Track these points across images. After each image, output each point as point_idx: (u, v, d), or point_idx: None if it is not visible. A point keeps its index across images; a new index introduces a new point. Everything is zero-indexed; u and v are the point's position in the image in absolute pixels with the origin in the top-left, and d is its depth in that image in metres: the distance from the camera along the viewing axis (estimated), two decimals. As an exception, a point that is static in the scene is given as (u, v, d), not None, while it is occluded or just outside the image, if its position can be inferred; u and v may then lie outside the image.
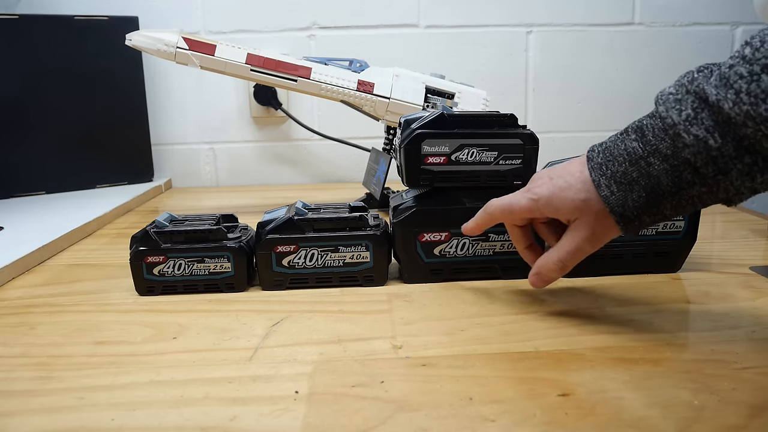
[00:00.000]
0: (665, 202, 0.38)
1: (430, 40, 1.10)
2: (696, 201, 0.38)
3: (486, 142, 0.52)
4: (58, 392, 0.37)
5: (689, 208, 0.39)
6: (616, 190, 0.39)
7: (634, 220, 0.40)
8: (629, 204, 0.39)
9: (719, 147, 0.35)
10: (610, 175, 0.39)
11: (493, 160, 0.53)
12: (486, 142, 0.52)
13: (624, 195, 0.39)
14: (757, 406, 0.33)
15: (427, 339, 0.43)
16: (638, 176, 0.38)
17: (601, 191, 0.40)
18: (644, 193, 0.38)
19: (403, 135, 0.53)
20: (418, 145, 0.52)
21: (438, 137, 0.52)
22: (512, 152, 0.53)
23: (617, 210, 0.40)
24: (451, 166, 0.53)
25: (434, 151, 0.52)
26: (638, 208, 0.39)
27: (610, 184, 0.39)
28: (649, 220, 0.40)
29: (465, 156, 0.52)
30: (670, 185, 0.37)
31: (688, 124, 0.35)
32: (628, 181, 0.39)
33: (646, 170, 0.38)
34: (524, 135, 0.53)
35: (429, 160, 0.52)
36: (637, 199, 0.39)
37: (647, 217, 0.40)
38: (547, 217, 0.45)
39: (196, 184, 1.15)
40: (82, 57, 0.96)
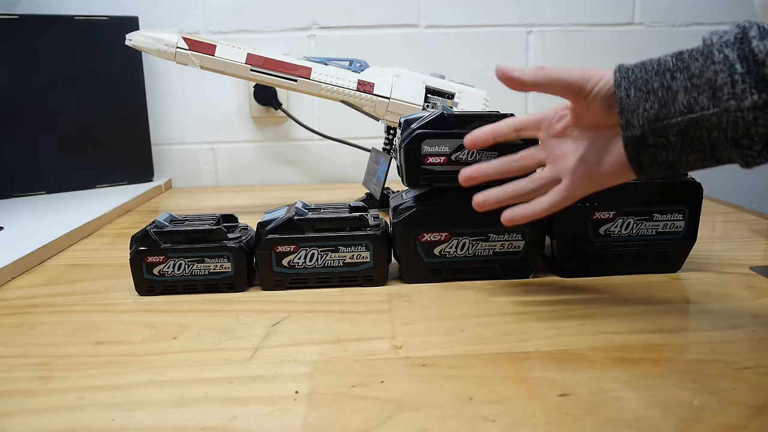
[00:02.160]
0: (673, 120, 0.37)
1: (430, 40, 1.10)
2: (704, 135, 0.36)
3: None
4: (58, 392, 0.37)
5: (697, 144, 0.37)
6: (633, 94, 0.38)
7: (638, 130, 0.38)
8: (640, 112, 0.38)
9: (743, 73, 0.34)
10: (633, 79, 0.39)
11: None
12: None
13: (638, 101, 0.38)
14: (757, 406, 0.33)
15: (427, 339, 0.43)
16: (658, 87, 0.37)
17: (619, 92, 0.39)
18: (657, 105, 0.37)
19: (403, 135, 0.53)
20: (418, 145, 0.52)
21: (438, 137, 0.52)
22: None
23: (627, 114, 0.39)
24: (451, 166, 0.52)
25: (434, 151, 0.52)
26: (647, 118, 0.38)
27: (629, 87, 0.39)
28: (652, 140, 0.38)
29: (465, 156, 0.52)
30: (683, 103, 0.36)
31: (723, 45, 0.35)
32: (648, 89, 0.38)
33: (668, 83, 0.37)
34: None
35: (429, 160, 0.52)
36: (649, 109, 0.38)
37: (651, 134, 0.38)
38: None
39: (196, 184, 1.15)
40: (82, 57, 0.96)
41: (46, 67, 0.94)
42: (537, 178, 0.46)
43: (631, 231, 0.54)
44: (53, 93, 0.95)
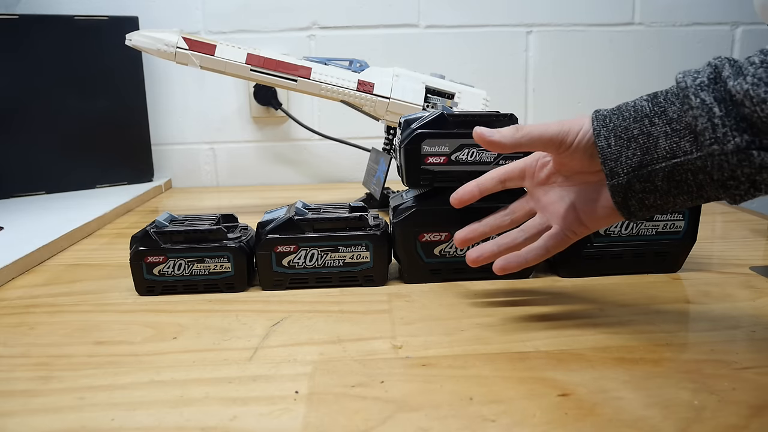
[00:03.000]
0: (658, 166, 0.37)
1: (430, 40, 1.10)
2: (690, 178, 0.36)
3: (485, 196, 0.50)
4: (58, 392, 0.37)
5: (683, 188, 0.37)
6: (613, 143, 0.39)
7: (623, 178, 0.38)
8: (623, 160, 0.38)
9: (722, 116, 0.34)
10: (612, 127, 0.39)
11: (493, 160, 0.53)
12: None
13: (619, 150, 0.38)
14: (757, 406, 0.33)
15: (427, 339, 0.43)
16: (638, 134, 0.38)
17: (599, 141, 0.39)
18: (639, 153, 0.38)
19: (403, 135, 0.53)
20: (418, 145, 0.52)
21: (438, 137, 0.52)
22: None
23: (609, 163, 0.39)
24: (451, 166, 0.53)
25: (434, 151, 0.52)
26: (630, 166, 0.38)
27: (609, 136, 0.39)
28: (638, 186, 0.38)
29: (465, 156, 0.52)
30: (666, 149, 0.37)
31: (698, 89, 0.35)
32: (628, 137, 0.38)
33: (648, 129, 0.37)
34: None
35: (429, 160, 0.52)
36: (632, 157, 0.38)
37: (637, 181, 0.38)
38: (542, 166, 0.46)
39: (196, 184, 1.15)
40: (82, 57, 0.96)
41: (46, 67, 0.94)
42: (528, 227, 0.47)
43: (631, 231, 0.54)
44: (53, 93, 0.95)
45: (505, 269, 0.46)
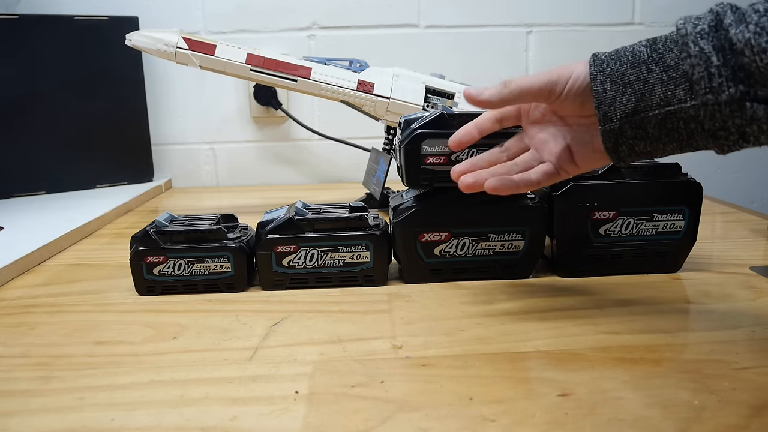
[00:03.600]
0: (651, 113, 0.37)
1: (430, 40, 1.10)
2: (681, 126, 0.37)
3: (486, 141, 0.51)
4: (58, 392, 0.37)
5: (674, 135, 0.38)
6: (609, 88, 0.39)
7: (616, 123, 0.39)
8: (617, 106, 0.39)
9: (719, 65, 0.34)
10: (609, 72, 0.39)
11: None
12: (486, 142, 0.51)
13: (615, 95, 0.39)
14: (757, 406, 0.33)
15: (427, 339, 0.43)
16: (634, 80, 0.38)
17: (594, 86, 0.39)
18: (633, 99, 0.38)
19: (403, 135, 0.53)
20: (418, 145, 0.52)
21: (438, 137, 0.52)
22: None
23: (603, 108, 0.39)
24: (451, 166, 0.52)
25: (434, 151, 0.52)
26: (624, 112, 0.38)
27: (605, 81, 0.39)
28: (630, 132, 0.39)
29: (465, 156, 0.52)
30: (661, 96, 0.37)
31: (698, 37, 0.35)
32: (624, 82, 0.38)
33: (644, 76, 0.37)
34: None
35: (429, 160, 0.52)
36: (626, 103, 0.38)
37: (629, 127, 0.39)
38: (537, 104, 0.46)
39: (196, 184, 1.15)
40: (82, 57, 0.96)
41: (46, 67, 0.94)
42: (521, 161, 0.47)
43: (631, 231, 0.54)
44: (53, 93, 0.95)
45: (496, 189, 0.46)
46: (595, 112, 0.40)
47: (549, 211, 0.54)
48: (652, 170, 0.54)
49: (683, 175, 0.54)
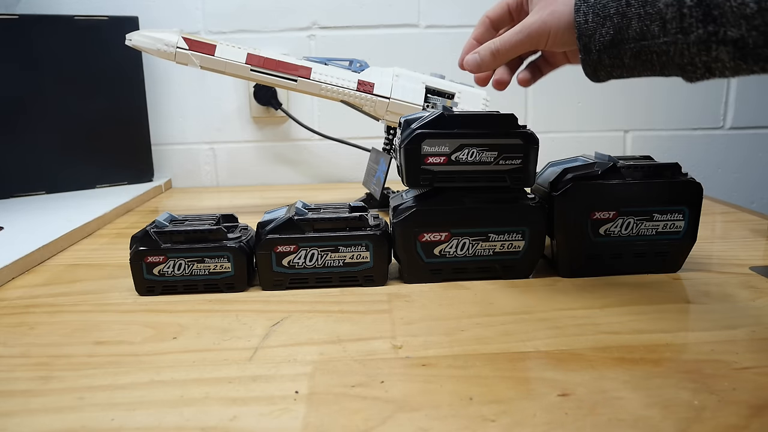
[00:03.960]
0: (627, 46, 0.41)
1: (430, 40, 1.10)
2: (654, 58, 0.40)
3: (486, 141, 0.52)
4: (58, 392, 0.37)
5: (647, 65, 0.41)
6: (591, 20, 0.42)
7: (595, 54, 0.43)
8: (596, 37, 0.42)
9: (691, 6, 0.37)
10: (592, 4, 0.42)
11: (493, 160, 0.53)
12: (486, 142, 0.52)
13: (595, 27, 0.42)
14: (757, 406, 0.33)
15: (427, 339, 0.43)
16: (614, 13, 0.41)
17: (578, 17, 0.43)
18: (612, 31, 0.41)
19: (403, 135, 0.53)
20: (418, 145, 0.52)
21: (438, 137, 0.52)
22: (512, 152, 0.52)
23: (584, 39, 0.43)
24: (451, 166, 0.53)
25: (434, 151, 0.52)
26: (603, 43, 0.42)
27: (588, 12, 0.42)
28: (608, 61, 0.43)
29: (465, 156, 0.52)
30: (637, 31, 0.40)
31: None
32: (605, 15, 0.41)
33: (624, 10, 0.40)
34: (524, 135, 0.52)
35: (429, 160, 0.52)
36: (605, 35, 0.42)
37: (607, 57, 0.43)
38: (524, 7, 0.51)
39: (196, 184, 1.15)
40: (82, 57, 0.96)
41: (46, 67, 0.94)
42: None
43: (631, 231, 0.54)
44: (53, 93, 0.95)
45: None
46: (576, 42, 0.43)
47: (549, 211, 0.54)
48: (652, 170, 0.54)
49: (683, 175, 0.54)
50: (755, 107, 1.15)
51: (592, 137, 1.15)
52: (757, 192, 1.19)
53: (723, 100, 1.15)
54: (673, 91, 1.13)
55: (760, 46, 0.35)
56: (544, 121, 1.13)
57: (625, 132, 1.16)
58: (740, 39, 0.36)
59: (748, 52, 0.36)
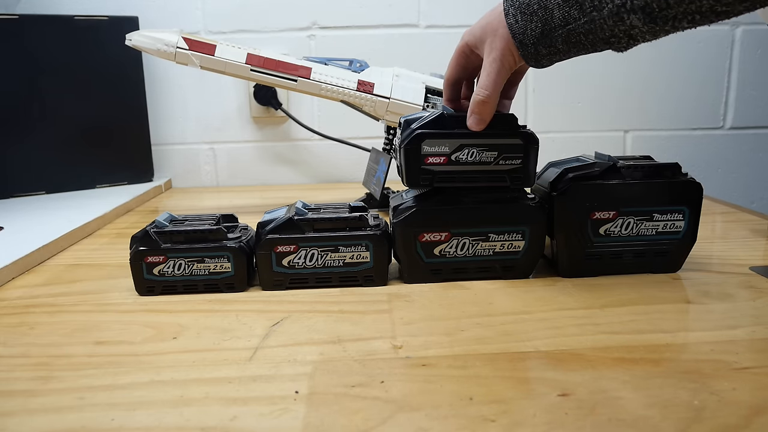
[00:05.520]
0: (556, 33, 0.45)
1: (430, 40, 1.10)
2: (582, 39, 0.44)
3: (486, 142, 0.52)
4: (58, 392, 0.37)
5: (579, 46, 0.45)
6: (520, 19, 0.46)
7: (531, 48, 0.47)
8: (528, 33, 0.46)
9: None
10: (518, 5, 0.46)
11: (493, 160, 0.53)
12: (486, 142, 0.52)
13: (525, 24, 0.46)
14: (757, 406, 0.33)
15: (427, 339, 0.43)
16: (537, 8, 0.45)
17: (508, 19, 0.47)
18: (540, 24, 0.45)
19: (403, 135, 0.53)
20: (418, 145, 0.52)
21: (438, 137, 0.52)
22: (512, 152, 0.52)
23: (518, 37, 0.47)
24: (451, 167, 0.52)
25: (434, 151, 0.52)
26: (535, 37, 0.46)
27: (516, 14, 0.46)
28: (544, 51, 0.47)
29: (465, 156, 0.52)
30: (560, 18, 0.44)
31: None
32: (530, 12, 0.45)
33: (545, 3, 0.44)
34: (524, 135, 0.52)
35: (429, 160, 0.52)
36: (535, 29, 0.46)
37: (543, 47, 0.46)
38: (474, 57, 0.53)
39: (196, 184, 1.15)
40: (82, 57, 0.96)
41: (46, 68, 0.94)
42: None
43: (631, 231, 0.54)
44: (53, 93, 0.95)
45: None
46: (512, 41, 0.47)
47: (549, 211, 0.54)
48: (652, 170, 0.54)
49: (683, 175, 0.54)
50: (755, 107, 1.15)
51: (592, 137, 1.15)
52: (757, 192, 1.19)
53: (723, 100, 1.15)
54: (673, 91, 1.13)
55: (664, 8, 0.39)
56: (544, 121, 1.13)
57: (625, 132, 1.16)
58: (646, 5, 0.40)
59: (656, 16, 0.40)
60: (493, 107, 0.50)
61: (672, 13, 0.40)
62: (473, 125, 0.51)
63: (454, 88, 0.56)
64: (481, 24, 0.50)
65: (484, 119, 0.51)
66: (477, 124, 0.51)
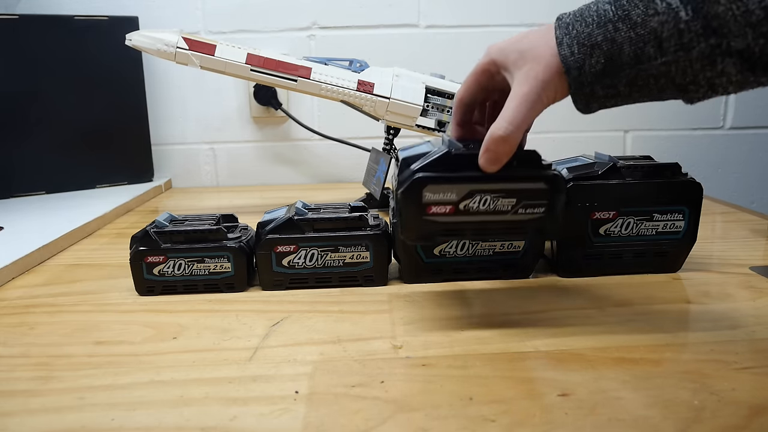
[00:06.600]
0: (622, 73, 0.37)
1: (430, 40, 1.10)
2: (652, 82, 0.37)
3: (502, 186, 0.42)
4: (58, 392, 0.37)
5: (644, 91, 0.38)
6: (576, 51, 0.38)
7: (587, 87, 0.39)
8: (586, 68, 0.38)
9: (688, 20, 0.34)
10: (575, 35, 0.38)
11: (511, 209, 0.43)
12: (502, 187, 0.42)
13: (583, 58, 0.38)
14: (757, 406, 0.33)
15: (427, 339, 0.43)
16: (602, 40, 0.37)
17: (561, 50, 0.38)
18: (603, 60, 0.37)
19: (401, 177, 0.43)
20: (419, 192, 0.42)
21: (443, 182, 0.42)
22: (534, 198, 0.43)
23: (573, 72, 0.38)
24: (459, 217, 0.43)
25: (439, 198, 0.42)
26: (594, 74, 0.38)
27: (572, 44, 0.38)
28: (601, 92, 0.39)
29: (477, 204, 0.42)
30: (630, 55, 0.36)
31: None
32: (591, 44, 0.37)
33: (612, 35, 0.37)
34: (549, 178, 0.43)
35: (432, 209, 0.42)
36: (595, 65, 0.38)
37: (600, 88, 0.38)
38: (498, 79, 0.43)
39: (196, 184, 1.15)
40: (82, 57, 0.96)
41: (46, 68, 0.94)
42: None
43: (631, 231, 0.54)
44: (53, 93, 0.95)
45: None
46: (565, 76, 0.39)
47: (549, 211, 0.54)
48: (652, 170, 0.54)
49: (683, 175, 0.54)
50: (755, 107, 1.15)
51: (592, 137, 1.15)
52: (757, 192, 1.19)
53: (723, 100, 1.15)
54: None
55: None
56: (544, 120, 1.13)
57: (625, 132, 1.16)
58: (746, 49, 0.33)
59: (756, 62, 0.33)
60: (513, 147, 0.40)
61: None
62: (487, 165, 0.41)
63: (467, 110, 0.47)
64: (519, 46, 0.40)
65: (501, 159, 0.41)
66: (491, 164, 0.41)
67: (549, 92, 0.40)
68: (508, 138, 0.40)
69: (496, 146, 0.40)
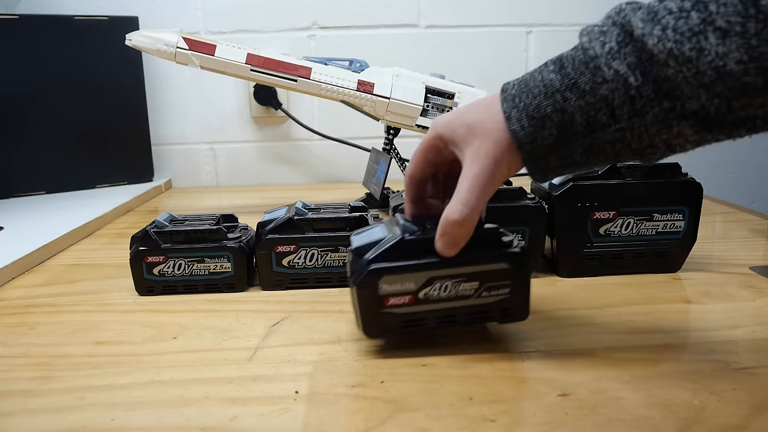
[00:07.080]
0: (576, 143, 0.35)
1: (430, 40, 1.10)
2: (608, 149, 0.35)
3: (462, 271, 0.40)
4: (58, 392, 0.37)
5: (600, 158, 0.36)
6: (527, 125, 0.36)
7: (542, 160, 0.37)
8: (539, 141, 0.36)
9: (639, 86, 0.32)
10: (523, 107, 0.36)
11: (474, 293, 0.40)
12: (463, 272, 0.40)
13: (534, 131, 0.36)
14: (757, 406, 0.33)
15: (427, 339, 0.43)
16: (552, 111, 0.35)
17: (510, 124, 0.36)
18: (555, 131, 0.35)
19: (354, 268, 0.40)
20: (375, 284, 0.39)
21: (399, 271, 0.39)
22: (498, 279, 0.40)
23: (525, 147, 0.36)
24: (419, 306, 0.40)
25: (396, 289, 0.39)
26: (548, 146, 0.36)
27: (521, 118, 0.36)
28: (556, 162, 0.37)
29: (437, 292, 0.40)
30: (583, 125, 0.35)
31: (609, 58, 0.33)
32: (541, 115, 0.35)
33: (561, 105, 0.35)
34: (511, 256, 0.40)
35: (390, 301, 0.39)
36: (548, 137, 0.36)
37: (555, 158, 0.37)
38: (447, 153, 0.41)
39: (196, 184, 1.15)
40: (82, 57, 0.96)
41: (46, 68, 0.94)
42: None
43: (631, 231, 0.54)
44: (53, 93, 0.95)
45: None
46: (518, 152, 0.37)
47: (549, 211, 0.54)
48: (652, 170, 0.54)
49: (683, 175, 0.54)
50: (755, 107, 1.15)
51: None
52: (757, 192, 1.19)
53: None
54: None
55: (723, 113, 0.31)
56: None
57: (625, 132, 1.15)
58: (701, 110, 0.32)
59: (711, 122, 0.32)
60: (470, 230, 0.38)
61: (731, 118, 0.32)
62: (444, 250, 0.38)
63: (420, 187, 0.43)
64: (466, 121, 0.38)
65: (459, 243, 0.38)
66: (449, 248, 0.38)
67: (502, 168, 0.37)
68: (464, 221, 0.37)
69: (453, 230, 0.38)
